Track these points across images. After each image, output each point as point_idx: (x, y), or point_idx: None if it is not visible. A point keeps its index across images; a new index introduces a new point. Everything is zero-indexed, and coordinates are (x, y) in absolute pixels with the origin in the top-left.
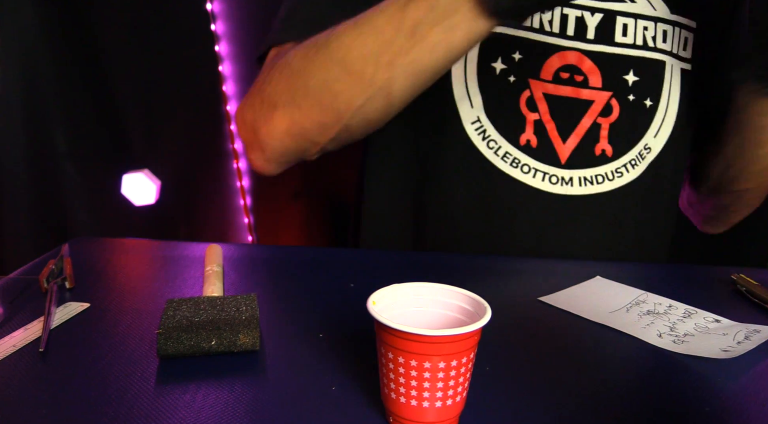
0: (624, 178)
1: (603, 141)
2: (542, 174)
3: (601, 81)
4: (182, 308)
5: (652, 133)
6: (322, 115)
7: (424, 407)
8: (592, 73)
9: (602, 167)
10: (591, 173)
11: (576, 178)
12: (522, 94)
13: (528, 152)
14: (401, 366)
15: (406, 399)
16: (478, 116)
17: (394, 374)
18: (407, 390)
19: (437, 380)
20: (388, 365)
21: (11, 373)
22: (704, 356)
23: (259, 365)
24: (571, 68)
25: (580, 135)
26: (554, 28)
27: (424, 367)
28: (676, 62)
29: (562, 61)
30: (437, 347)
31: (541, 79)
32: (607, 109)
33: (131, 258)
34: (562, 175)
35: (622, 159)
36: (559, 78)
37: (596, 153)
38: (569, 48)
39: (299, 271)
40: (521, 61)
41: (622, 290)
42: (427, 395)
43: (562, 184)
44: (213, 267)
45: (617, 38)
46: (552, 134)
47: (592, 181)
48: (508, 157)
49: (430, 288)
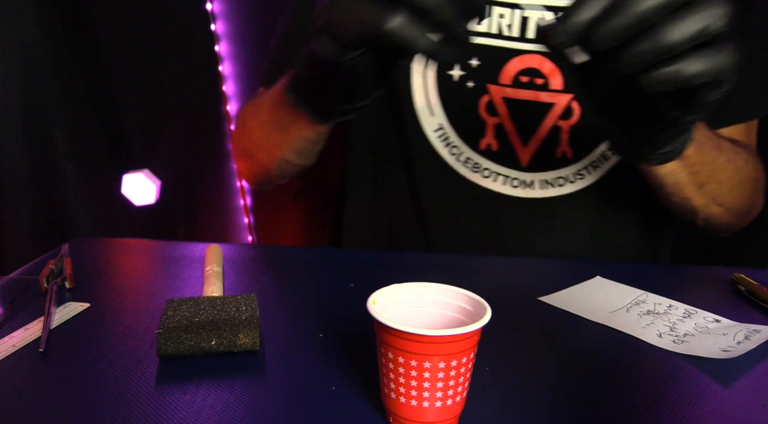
0: (585, 180)
1: (564, 144)
2: (503, 178)
3: (562, 83)
4: (182, 308)
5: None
6: (260, 168)
7: (424, 407)
8: (552, 75)
9: (563, 170)
10: (552, 176)
11: (537, 181)
12: (481, 99)
13: (489, 156)
14: (401, 366)
15: (406, 399)
16: (441, 124)
17: (394, 374)
18: (407, 390)
19: (437, 380)
20: (388, 365)
21: (11, 373)
22: (704, 356)
23: (259, 365)
24: (531, 71)
25: (540, 138)
26: (513, 32)
27: (424, 367)
28: None
29: (522, 65)
30: (437, 347)
31: (501, 83)
32: (567, 112)
33: (131, 258)
34: (523, 178)
35: (583, 161)
36: (519, 82)
37: (557, 156)
38: (529, 51)
39: (299, 271)
40: (479, 67)
41: (622, 290)
42: (427, 395)
43: (523, 187)
44: (213, 267)
45: None
46: (512, 138)
47: (553, 184)
48: (470, 162)
49: (430, 288)
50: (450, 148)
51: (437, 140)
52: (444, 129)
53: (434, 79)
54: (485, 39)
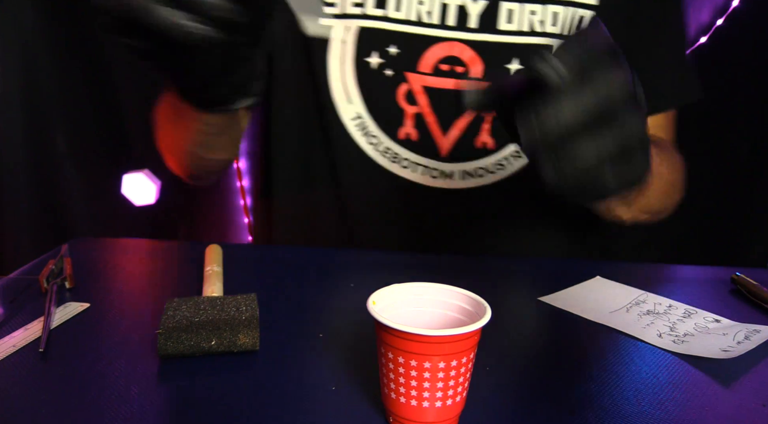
0: (505, 171)
1: (484, 134)
2: (423, 168)
3: (483, 71)
4: (182, 308)
5: None
6: (177, 164)
7: (424, 407)
8: (473, 63)
9: (483, 160)
10: (472, 166)
11: (457, 172)
12: (399, 87)
13: (408, 146)
14: (401, 366)
15: (406, 399)
16: (359, 112)
17: (394, 374)
18: (407, 390)
19: (437, 380)
20: (388, 365)
21: (11, 373)
22: (704, 356)
23: (259, 365)
24: (451, 60)
25: (461, 128)
26: (434, 19)
27: (424, 367)
28: None
29: (443, 53)
30: (437, 347)
31: (420, 72)
32: None
33: (131, 258)
34: (442, 168)
35: (504, 151)
36: (439, 70)
37: (477, 146)
38: (449, 39)
39: (299, 271)
40: (398, 54)
41: (622, 290)
42: (427, 395)
43: (443, 178)
44: (213, 267)
45: (501, 26)
46: (432, 127)
47: (473, 175)
48: (389, 152)
49: (430, 288)
50: (368, 137)
51: (355, 129)
52: (362, 118)
53: (352, 66)
54: (404, 26)
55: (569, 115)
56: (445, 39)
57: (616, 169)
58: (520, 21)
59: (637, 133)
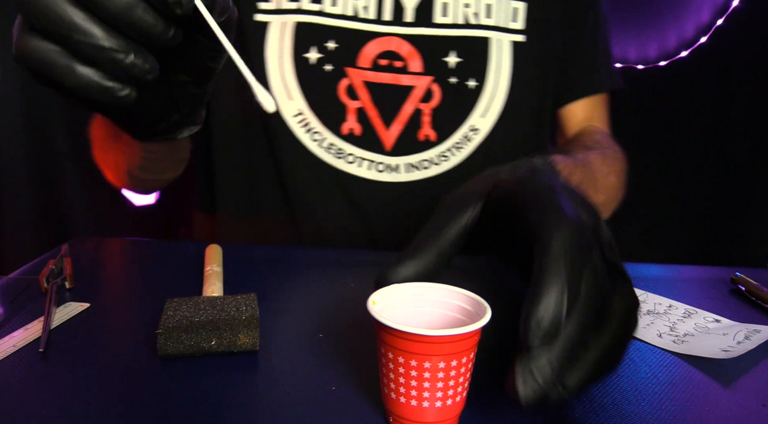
0: (450, 162)
1: (426, 126)
2: (368, 163)
3: (421, 65)
4: (182, 308)
5: (478, 114)
6: (119, 182)
7: (424, 407)
8: (411, 57)
9: (427, 152)
10: (416, 159)
11: (402, 165)
12: (340, 82)
13: (351, 141)
14: (401, 366)
15: (406, 399)
16: (300, 109)
17: (394, 374)
18: (407, 390)
19: (437, 380)
20: (388, 365)
21: (11, 373)
22: (704, 356)
23: (259, 365)
24: (389, 54)
25: (403, 122)
26: (370, 14)
27: (424, 367)
28: (505, 36)
29: (380, 48)
30: (437, 347)
31: (359, 67)
32: (428, 95)
33: (131, 258)
34: (388, 162)
35: (447, 143)
36: (378, 65)
37: (420, 139)
38: (386, 33)
39: (299, 271)
40: (337, 49)
41: None
42: (427, 395)
43: (388, 171)
44: (213, 267)
45: (437, 19)
46: (375, 122)
47: (418, 167)
48: (333, 147)
49: (430, 288)
50: (311, 134)
51: (297, 126)
52: (304, 114)
53: (291, 62)
54: (340, 21)
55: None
56: (382, 34)
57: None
58: (455, 14)
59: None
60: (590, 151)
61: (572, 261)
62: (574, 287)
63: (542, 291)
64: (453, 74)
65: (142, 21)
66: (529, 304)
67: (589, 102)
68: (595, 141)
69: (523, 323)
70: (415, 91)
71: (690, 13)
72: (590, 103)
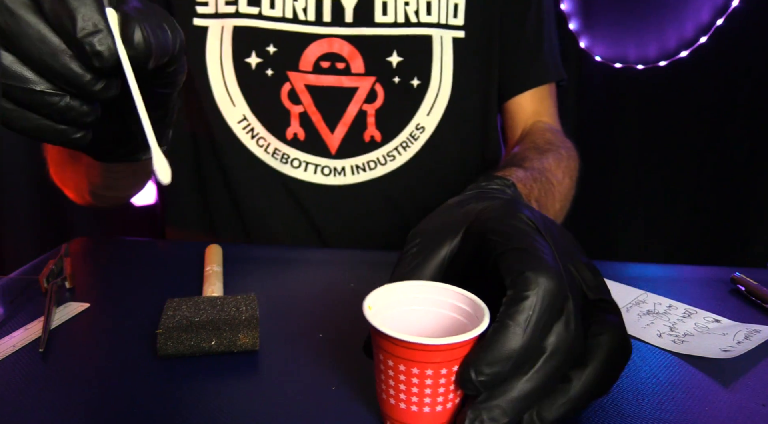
0: (396, 161)
1: (371, 127)
2: (314, 167)
3: (363, 66)
4: (182, 308)
5: (423, 112)
6: (81, 200)
7: (425, 412)
8: (353, 58)
9: (373, 153)
10: (362, 160)
11: (348, 167)
12: (282, 87)
13: (296, 146)
14: (402, 374)
15: (407, 405)
16: (244, 114)
17: (394, 381)
18: (408, 396)
19: (439, 385)
20: (387, 372)
21: (11, 373)
22: (704, 356)
23: (259, 365)
24: (331, 56)
25: (347, 124)
26: (309, 16)
27: (426, 374)
28: (446, 33)
29: (322, 50)
30: (440, 354)
31: (301, 70)
32: (372, 95)
33: (131, 258)
34: (334, 165)
35: (393, 143)
36: (320, 67)
37: (365, 140)
38: (327, 35)
39: (299, 271)
40: (277, 53)
41: (622, 290)
42: (428, 401)
43: (334, 174)
44: (213, 267)
45: (377, 18)
46: (319, 125)
47: (365, 168)
48: (278, 153)
49: (425, 287)
50: (256, 139)
51: (242, 132)
52: (248, 120)
53: (231, 67)
54: (279, 24)
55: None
56: (322, 36)
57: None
58: (396, 12)
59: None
60: (544, 155)
61: (539, 319)
62: (535, 341)
63: (496, 341)
64: (396, 74)
65: (67, 70)
66: (479, 349)
67: (536, 94)
68: (546, 141)
69: (471, 366)
70: (359, 92)
71: (690, 13)
72: (537, 96)
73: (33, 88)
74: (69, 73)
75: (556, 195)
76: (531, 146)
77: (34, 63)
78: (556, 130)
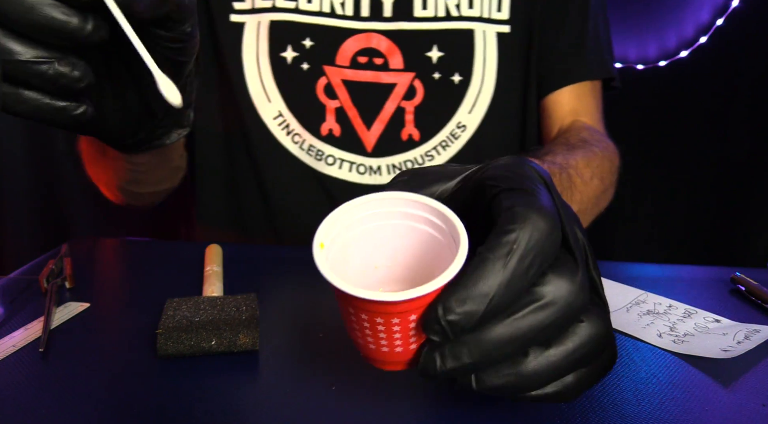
0: (434, 162)
1: (409, 125)
2: (349, 164)
3: (402, 62)
4: (182, 308)
5: (465, 109)
6: (113, 196)
7: (397, 351)
8: (392, 54)
9: (410, 153)
10: (399, 160)
11: (384, 166)
12: (318, 81)
13: (331, 142)
14: (365, 321)
15: (376, 347)
16: (280, 110)
17: (359, 326)
18: (376, 341)
19: (409, 330)
20: (350, 318)
21: (11, 373)
22: (704, 356)
23: (259, 365)
24: (369, 51)
25: (384, 121)
26: (347, 11)
27: (392, 323)
28: (489, 27)
29: (359, 45)
30: (405, 305)
31: (338, 65)
32: (411, 92)
33: (131, 258)
34: (369, 164)
35: (431, 142)
36: (357, 63)
37: (403, 138)
38: (365, 30)
39: (299, 271)
40: (313, 47)
41: (622, 290)
42: (399, 343)
43: (370, 173)
44: (213, 267)
45: (417, 12)
46: (355, 121)
47: (401, 168)
48: (312, 149)
49: (385, 200)
50: (291, 136)
51: (277, 128)
52: (283, 116)
53: (267, 62)
54: (316, 18)
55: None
56: (360, 31)
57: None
58: (436, 6)
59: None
60: (572, 151)
61: (524, 255)
62: (520, 281)
63: (470, 275)
64: (436, 69)
65: (50, 19)
66: (450, 286)
67: (575, 91)
68: (580, 139)
69: (439, 303)
70: (397, 88)
71: (690, 13)
72: (576, 93)
73: (18, 59)
74: (54, 23)
75: (576, 196)
76: (561, 141)
77: (17, 24)
78: (595, 130)
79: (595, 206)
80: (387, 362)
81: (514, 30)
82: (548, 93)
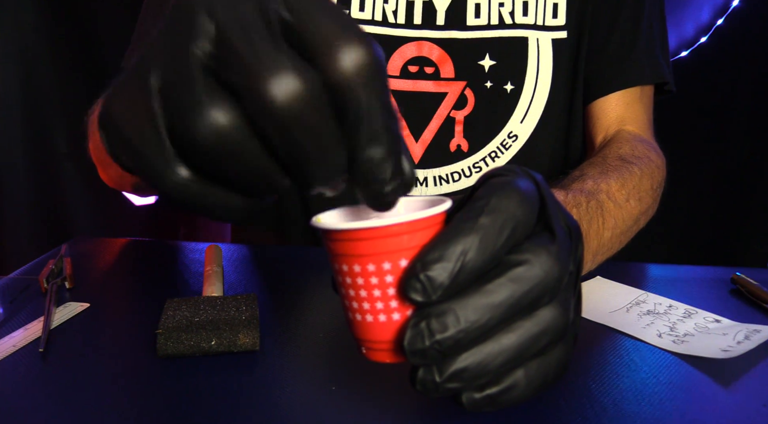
0: (482, 173)
1: (458, 136)
2: None
3: (453, 70)
4: (182, 308)
5: (517, 119)
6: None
7: (380, 321)
8: (443, 62)
9: (458, 164)
10: (446, 171)
11: (431, 178)
12: None
13: None
14: (347, 276)
15: (362, 316)
16: None
17: (344, 288)
18: (359, 304)
19: (386, 285)
20: (337, 278)
21: (11, 373)
22: (704, 356)
23: (259, 365)
24: (420, 60)
25: (433, 131)
26: (399, 19)
27: (368, 271)
28: (544, 34)
29: (410, 54)
30: (402, 239)
31: (388, 75)
32: (461, 101)
33: (131, 258)
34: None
35: (481, 153)
36: (408, 72)
37: (451, 149)
38: (416, 38)
39: (299, 271)
40: None
41: (622, 290)
42: (381, 306)
43: (415, 185)
44: (213, 267)
45: (469, 21)
46: (404, 133)
47: (448, 180)
48: None
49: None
50: None
51: None
52: None
53: None
54: (368, 27)
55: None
56: (412, 39)
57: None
58: (489, 14)
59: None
60: (606, 174)
61: (495, 218)
62: (494, 242)
63: (443, 234)
64: (488, 78)
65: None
66: (429, 244)
67: (623, 98)
68: (618, 156)
69: (416, 259)
70: (448, 97)
71: (690, 13)
72: (624, 100)
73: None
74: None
75: (609, 221)
76: (597, 162)
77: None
78: (641, 140)
79: (634, 225)
80: (374, 342)
81: (571, 35)
82: (595, 99)
